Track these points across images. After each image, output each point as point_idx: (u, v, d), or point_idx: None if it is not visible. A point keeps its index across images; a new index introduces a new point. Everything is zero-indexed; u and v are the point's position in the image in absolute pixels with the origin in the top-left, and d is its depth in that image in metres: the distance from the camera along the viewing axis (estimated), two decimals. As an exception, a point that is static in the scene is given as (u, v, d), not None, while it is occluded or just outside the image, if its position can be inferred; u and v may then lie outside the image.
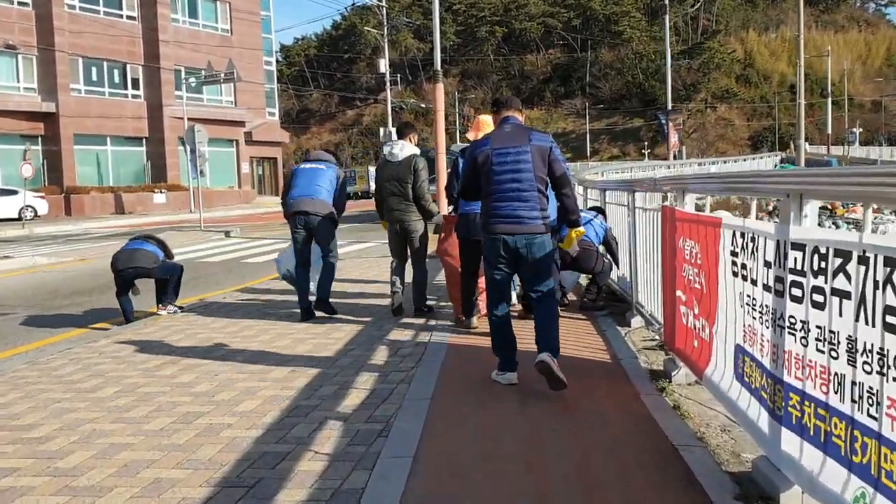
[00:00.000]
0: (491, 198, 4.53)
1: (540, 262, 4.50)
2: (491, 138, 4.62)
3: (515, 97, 5.05)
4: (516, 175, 4.47)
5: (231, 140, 40.15)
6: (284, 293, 8.73)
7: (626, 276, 7.21)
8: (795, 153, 30.41)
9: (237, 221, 25.96)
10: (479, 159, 4.58)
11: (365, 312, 7.43)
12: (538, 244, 4.48)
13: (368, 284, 9.28)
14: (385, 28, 48.79)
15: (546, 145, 4.56)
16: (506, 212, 4.47)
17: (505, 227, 4.45)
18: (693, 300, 4.23)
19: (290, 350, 5.74)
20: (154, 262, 7.73)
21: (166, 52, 36.39)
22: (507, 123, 4.70)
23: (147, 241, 8.03)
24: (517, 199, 4.45)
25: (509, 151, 4.49)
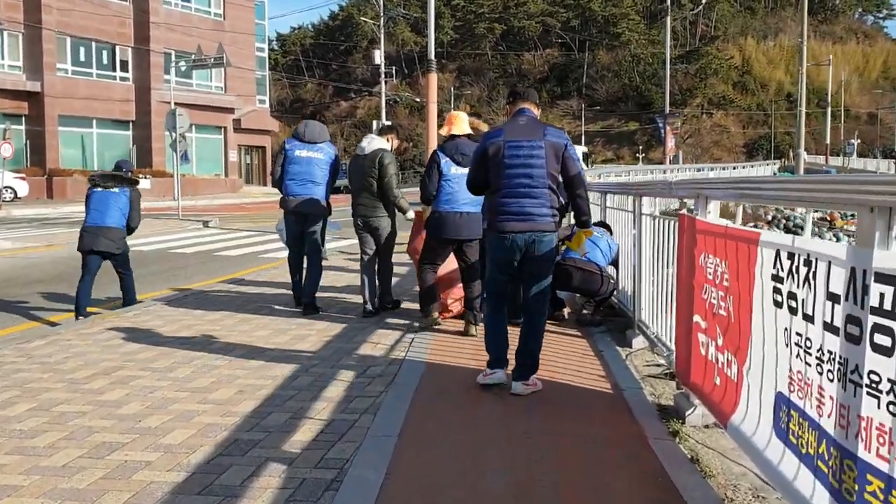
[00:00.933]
0: (499, 193, 4.32)
1: (542, 261, 4.33)
2: (504, 130, 4.38)
3: (533, 90, 4.80)
4: (528, 170, 4.26)
5: (219, 127, 39.26)
6: (250, 290, 8.01)
7: (626, 290, 6.52)
8: (795, 162, 29.80)
9: (220, 211, 25.17)
10: (489, 151, 4.33)
11: (341, 311, 6.75)
12: (546, 242, 4.30)
13: (353, 275, 8.57)
14: (382, 19, 47.98)
15: (561, 142, 4.33)
16: (515, 208, 4.26)
17: (514, 224, 4.26)
18: (716, 328, 3.54)
19: (241, 365, 5.01)
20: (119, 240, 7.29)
21: (157, 35, 35.48)
22: (521, 115, 4.47)
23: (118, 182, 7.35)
24: (527, 195, 4.25)
25: (522, 144, 4.27)
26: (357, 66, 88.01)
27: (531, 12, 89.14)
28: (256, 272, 10.07)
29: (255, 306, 7.23)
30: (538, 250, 4.30)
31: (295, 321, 6.48)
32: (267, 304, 7.37)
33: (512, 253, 4.31)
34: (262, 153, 44.07)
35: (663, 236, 5.07)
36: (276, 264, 11.16)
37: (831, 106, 54.55)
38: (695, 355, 3.85)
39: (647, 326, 5.44)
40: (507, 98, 4.77)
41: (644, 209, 5.55)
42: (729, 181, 3.67)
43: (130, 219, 7.34)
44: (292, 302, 7.28)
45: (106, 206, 7.19)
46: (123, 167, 7.58)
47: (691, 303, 3.88)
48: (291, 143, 6.96)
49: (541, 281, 4.38)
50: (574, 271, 6.18)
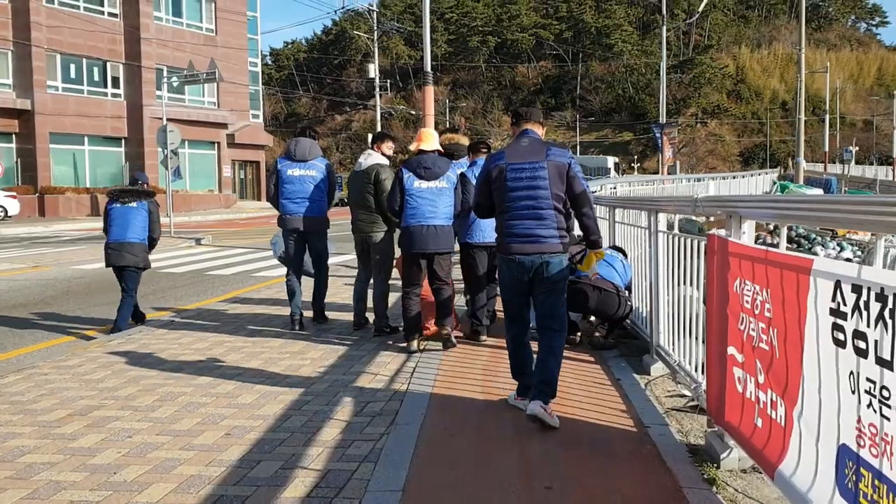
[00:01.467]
0: (505, 215, 4.27)
1: (554, 284, 4.24)
2: (506, 152, 4.34)
3: (537, 109, 4.69)
4: (532, 192, 4.18)
5: (213, 142, 38.87)
6: (243, 312, 7.62)
7: (639, 311, 6.15)
8: (794, 170, 29.54)
9: (213, 227, 24.79)
10: (493, 174, 4.30)
11: (338, 334, 6.38)
12: (555, 264, 4.22)
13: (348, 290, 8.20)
14: (375, 33, 47.84)
15: (564, 161, 4.24)
16: (520, 230, 4.20)
17: (520, 246, 4.20)
18: (755, 364, 3.17)
19: (229, 403, 4.62)
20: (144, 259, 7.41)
21: (148, 51, 35.15)
22: (524, 137, 4.37)
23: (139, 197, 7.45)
24: (533, 216, 4.19)
25: (524, 167, 4.21)
26: (351, 79, 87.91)
27: (524, 25, 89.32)
28: (249, 292, 9.68)
29: (246, 332, 6.85)
30: (547, 273, 4.21)
31: (288, 349, 6.10)
32: (259, 329, 6.98)
33: (520, 275, 4.24)
34: (256, 168, 43.72)
35: (682, 254, 4.72)
36: (269, 283, 10.79)
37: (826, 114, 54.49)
38: (730, 391, 3.48)
39: (666, 352, 5.06)
40: (511, 119, 4.63)
41: (661, 226, 5.19)
42: (768, 200, 3.30)
43: (152, 231, 7.39)
44: (288, 324, 6.91)
45: (126, 221, 7.24)
46: (140, 180, 7.72)
47: (724, 332, 3.51)
48: (283, 162, 6.91)
49: (554, 303, 4.28)
50: (591, 290, 5.83)
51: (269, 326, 7.12)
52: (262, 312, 7.82)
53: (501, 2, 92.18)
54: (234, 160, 41.11)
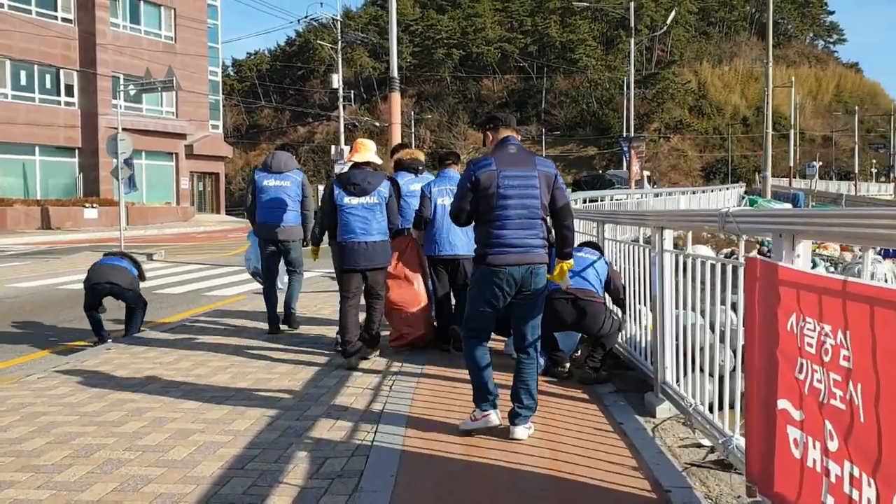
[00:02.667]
0: (493, 224, 4.07)
1: (537, 294, 4.16)
2: (495, 159, 4.14)
3: (513, 117, 4.65)
4: (524, 201, 4.06)
5: (170, 153, 37.62)
6: (182, 338, 6.78)
7: (637, 337, 5.47)
8: (761, 185, 29.40)
9: (169, 241, 23.72)
10: (482, 180, 4.08)
11: (301, 355, 5.56)
12: (541, 274, 4.15)
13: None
14: (339, 44, 47.05)
15: (552, 172, 4.20)
16: (512, 240, 4.04)
17: (511, 257, 4.03)
18: (824, 425, 2.47)
19: (155, 460, 3.81)
20: (130, 283, 7.53)
21: (104, 58, 33.90)
22: (510, 144, 4.24)
23: (123, 258, 7.82)
24: (524, 226, 4.07)
25: (518, 175, 4.08)
26: (315, 90, 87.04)
27: (489, 38, 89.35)
28: (197, 314, 8.82)
29: (185, 363, 6.01)
30: (534, 284, 4.11)
31: (236, 384, 5.29)
32: (201, 359, 6.15)
33: (508, 286, 4.06)
34: (215, 180, 42.49)
35: (690, 276, 4.05)
36: (222, 303, 9.94)
37: (786, 129, 54.93)
38: (781, 455, 2.78)
39: (675, 392, 4.36)
40: (486, 124, 4.43)
41: (666, 244, 4.51)
42: (836, 215, 2.60)
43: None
44: (214, 372, 6.05)
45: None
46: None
47: (773, 380, 2.81)
48: (259, 173, 7.19)
49: (535, 315, 4.22)
50: (567, 304, 5.19)
51: (215, 353, 6.29)
52: (207, 341, 6.98)
53: (466, 15, 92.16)
54: (193, 172, 39.86)
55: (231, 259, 16.42)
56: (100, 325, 7.45)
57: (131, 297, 7.55)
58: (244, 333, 7.31)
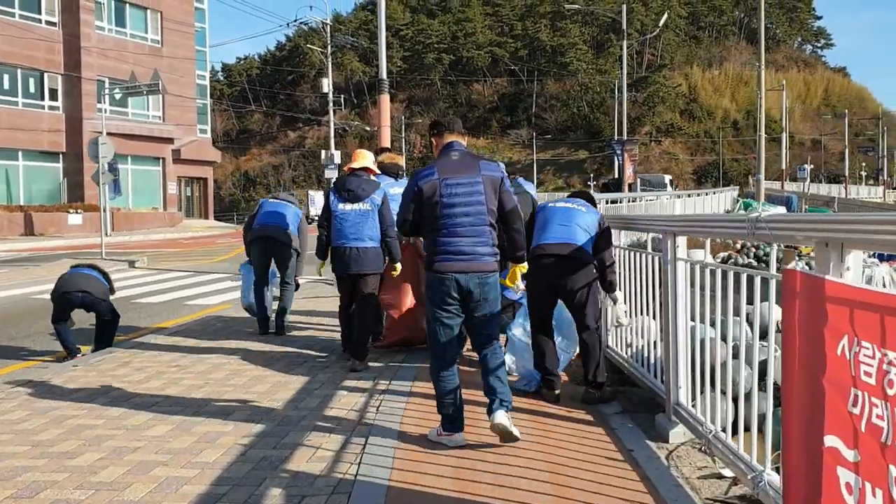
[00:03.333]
0: (439, 233, 4.02)
1: (492, 304, 4.06)
2: (437, 167, 4.11)
3: (458, 120, 4.48)
4: (468, 208, 4.01)
5: (157, 158, 37.08)
6: (159, 352, 6.34)
7: (644, 351, 5.07)
8: (755, 188, 29.13)
9: (155, 247, 23.22)
10: (424, 190, 4.06)
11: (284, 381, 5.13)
12: (492, 283, 4.04)
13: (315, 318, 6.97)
14: (329, 48, 46.65)
15: (497, 176, 4.12)
16: (457, 248, 3.97)
17: (457, 265, 3.95)
18: (888, 471, 2.08)
19: (111, 497, 3.38)
20: (103, 293, 7.21)
21: (89, 62, 33.36)
22: (452, 150, 4.19)
23: (93, 269, 7.46)
24: (470, 234, 3.99)
25: (460, 182, 4.03)
26: (305, 95, 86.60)
27: (480, 42, 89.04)
28: (175, 326, 8.38)
29: (158, 381, 5.58)
30: (483, 293, 4.00)
31: (207, 409, 4.85)
32: (174, 377, 5.72)
33: (457, 293, 3.98)
34: (203, 185, 41.93)
35: (699, 286, 3.66)
36: (203, 313, 9.51)
37: (776, 132, 54.81)
38: (830, 501, 2.38)
39: (691, 416, 3.97)
40: (429, 130, 4.45)
41: (680, 252, 4.11)
42: (890, 220, 2.20)
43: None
44: (186, 391, 5.67)
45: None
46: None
47: (818, 413, 2.41)
48: (264, 200, 7.93)
49: (493, 323, 4.11)
50: (550, 264, 4.89)
51: (189, 370, 5.87)
52: (182, 356, 6.54)
53: (457, 19, 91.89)
54: (181, 177, 39.31)
55: (217, 266, 15.96)
56: (69, 339, 7.02)
57: (104, 308, 7.18)
58: (224, 346, 6.88)
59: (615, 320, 5.41)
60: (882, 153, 65.91)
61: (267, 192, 51.02)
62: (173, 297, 11.37)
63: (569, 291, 4.86)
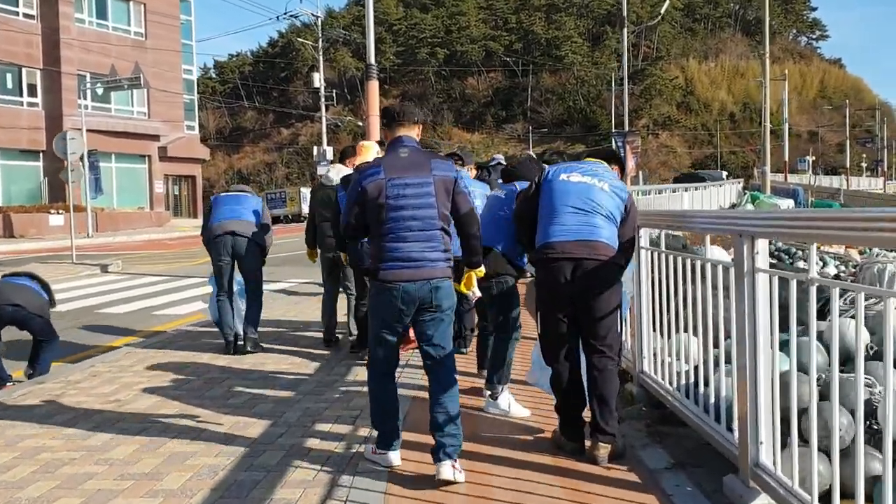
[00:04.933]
0: (385, 238, 3.62)
1: (444, 313, 3.66)
2: (383, 165, 3.68)
3: (413, 107, 3.96)
4: (417, 211, 3.60)
5: (143, 156, 35.85)
6: (110, 379, 5.26)
7: (688, 376, 4.00)
8: (760, 180, 28.17)
9: (138, 248, 22.11)
10: (369, 191, 3.63)
11: (241, 427, 4.06)
12: (443, 290, 3.63)
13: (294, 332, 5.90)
14: (320, 42, 45.52)
15: (451, 176, 3.69)
16: (405, 254, 3.58)
17: (404, 272, 3.56)
18: None
19: None
20: (40, 308, 6.07)
21: (69, 56, 32.14)
22: (401, 146, 3.73)
23: (30, 278, 6.33)
24: (420, 238, 3.60)
25: (409, 182, 3.61)
26: (298, 92, 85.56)
27: (474, 36, 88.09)
28: (133, 342, 7.29)
29: (85, 425, 4.51)
30: (436, 300, 3.63)
31: (134, 475, 3.79)
32: (113, 418, 4.65)
33: (404, 305, 3.59)
34: (191, 183, 40.66)
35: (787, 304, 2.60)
36: (171, 325, 8.44)
37: (773, 125, 53.79)
38: None
39: (778, 481, 2.91)
40: (382, 120, 3.96)
41: (759, 261, 3.05)
42: None
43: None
44: (112, 445, 4.62)
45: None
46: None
47: None
48: (216, 196, 7.13)
49: (444, 333, 3.71)
50: (563, 266, 3.86)
51: (132, 408, 4.80)
52: (130, 386, 5.47)
53: (450, 13, 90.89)
54: (168, 175, 38.06)
55: (197, 269, 14.86)
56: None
57: (38, 326, 6.03)
58: (183, 372, 5.82)
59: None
60: (883, 144, 65.04)
61: (261, 191, 49.90)
62: (142, 305, 10.28)
63: (585, 303, 3.84)
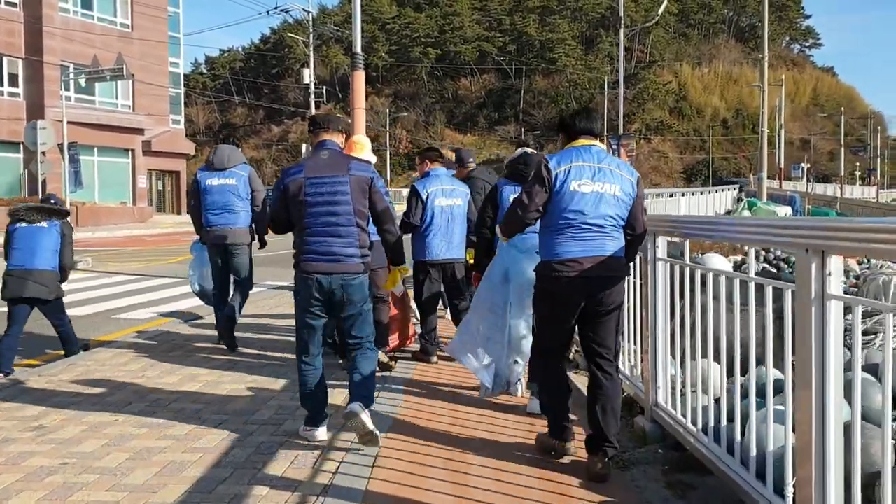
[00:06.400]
0: (304, 232, 3.98)
1: (360, 306, 4.02)
2: (305, 165, 4.05)
3: (338, 117, 4.46)
4: (332, 208, 3.94)
5: (126, 149, 34.95)
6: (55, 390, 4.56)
7: (715, 414, 3.34)
8: (756, 187, 27.66)
9: (117, 244, 21.31)
10: (290, 188, 3.99)
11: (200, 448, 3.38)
12: (356, 286, 3.97)
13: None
14: (311, 37, 44.77)
15: (366, 176, 4.03)
16: (320, 248, 3.93)
17: (321, 265, 3.92)
18: None
19: None
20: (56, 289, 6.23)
21: (52, 46, 31.26)
22: (323, 149, 4.11)
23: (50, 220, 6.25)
24: (333, 234, 3.94)
25: (324, 181, 3.95)
26: (290, 89, 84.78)
27: (467, 37, 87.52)
28: (87, 355, 6.57)
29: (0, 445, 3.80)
30: (349, 295, 3.95)
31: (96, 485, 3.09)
32: (13, 459, 3.94)
33: (320, 294, 3.92)
34: (175, 178, 39.72)
35: None
36: (129, 331, 7.73)
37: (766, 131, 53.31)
38: None
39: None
40: (308, 127, 4.32)
41: (832, 285, 2.39)
42: None
43: (63, 256, 6.32)
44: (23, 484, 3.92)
45: (35, 243, 6.20)
46: (52, 199, 6.98)
47: None
48: (202, 172, 6.66)
49: (360, 324, 4.05)
50: (576, 282, 3.67)
51: (60, 435, 4.10)
52: (68, 406, 4.77)
53: (444, 13, 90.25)
54: (151, 169, 37.18)
55: (170, 268, 14.13)
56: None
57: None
58: (126, 391, 5.11)
59: None
60: (877, 153, 64.88)
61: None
62: (104, 307, 9.53)
63: (596, 316, 3.71)
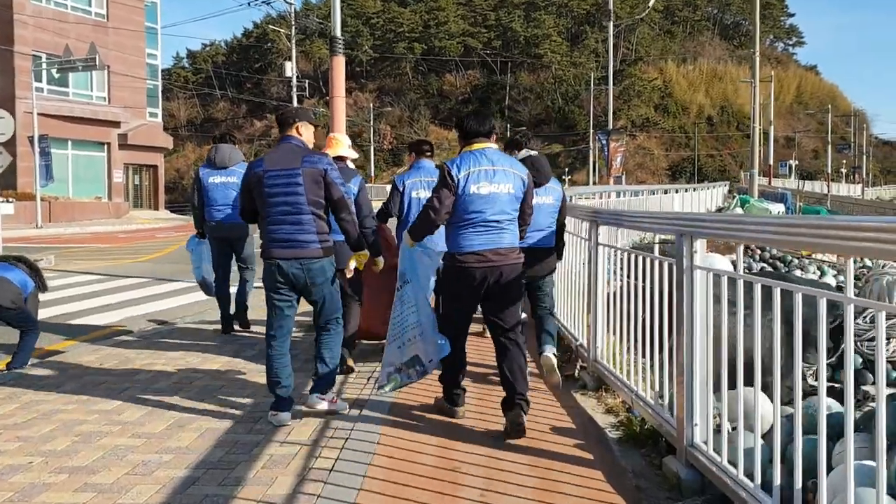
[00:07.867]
0: (266, 221, 4.31)
1: (323, 288, 4.33)
2: (265, 159, 4.40)
3: (303, 110, 4.67)
4: (288, 198, 4.25)
5: (101, 143, 34.03)
6: None
7: (737, 445, 2.73)
8: (748, 184, 27.22)
9: (86, 241, 20.50)
10: (252, 181, 4.36)
11: None
12: (317, 269, 4.27)
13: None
14: (293, 30, 43.96)
15: (320, 168, 4.29)
16: (280, 235, 4.25)
17: (280, 251, 4.24)
18: None
19: None
20: (12, 298, 5.67)
21: (23, 35, 30.31)
22: (285, 143, 4.43)
23: (13, 265, 5.92)
24: (290, 222, 4.24)
25: (280, 174, 4.26)
26: (273, 84, 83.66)
27: (452, 32, 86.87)
28: (32, 360, 5.88)
29: None
30: (310, 278, 4.27)
31: None
32: None
33: (283, 278, 4.23)
34: (153, 173, 38.77)
35: None
36: (88, 337, 7.06)
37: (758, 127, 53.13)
38: None
39: None
40: (277, 122, 4.57)
41: None
42: None
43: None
44: None
45: None
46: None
47: None
48: (204, 170, 6.99)
49: (328, 303, 4.38)
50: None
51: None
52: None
53: (429, 8, 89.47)
54: (128, 164, 36.25)
55: (136, 267, 13.41)
56: None
57: (12, 318, 5.73)
58: (98, 389, 4.46)
59: None
60: (862, 151, 64.95)
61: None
62: (61, 311, 8.84)
63: (499, 299, 4.31)
